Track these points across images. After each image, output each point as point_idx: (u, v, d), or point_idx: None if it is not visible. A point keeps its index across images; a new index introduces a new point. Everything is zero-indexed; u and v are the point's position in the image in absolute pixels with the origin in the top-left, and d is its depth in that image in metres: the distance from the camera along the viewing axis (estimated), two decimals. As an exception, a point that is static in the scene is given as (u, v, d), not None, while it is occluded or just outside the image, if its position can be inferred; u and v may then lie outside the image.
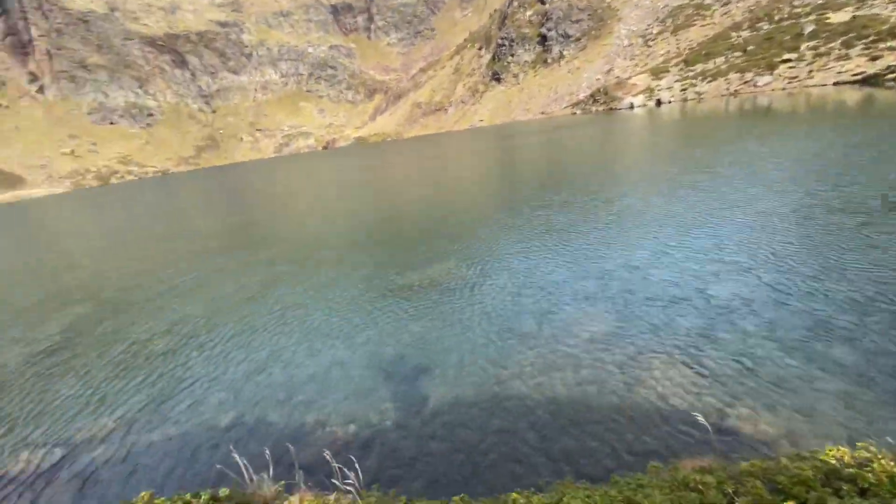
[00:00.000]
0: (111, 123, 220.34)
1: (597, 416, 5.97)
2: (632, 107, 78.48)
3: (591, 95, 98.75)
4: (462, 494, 3.08)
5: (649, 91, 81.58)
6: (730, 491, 2.47)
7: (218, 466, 5.89)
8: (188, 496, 4.01)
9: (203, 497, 4.01)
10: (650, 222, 13.81)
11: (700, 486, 2.55)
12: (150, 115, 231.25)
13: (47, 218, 56.34)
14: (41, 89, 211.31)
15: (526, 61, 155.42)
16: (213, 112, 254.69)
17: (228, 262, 17.48)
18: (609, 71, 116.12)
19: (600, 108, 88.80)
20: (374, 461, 5.89)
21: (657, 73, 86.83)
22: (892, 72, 47.50)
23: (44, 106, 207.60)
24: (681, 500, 2.51)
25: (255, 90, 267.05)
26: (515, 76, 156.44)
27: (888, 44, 53.92)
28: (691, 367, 6.66)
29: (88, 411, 8.15)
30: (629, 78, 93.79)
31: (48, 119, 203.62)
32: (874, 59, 53.13)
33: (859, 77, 51.33)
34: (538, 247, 13.35)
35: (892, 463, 2.38)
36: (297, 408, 7.32)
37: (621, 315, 8.49)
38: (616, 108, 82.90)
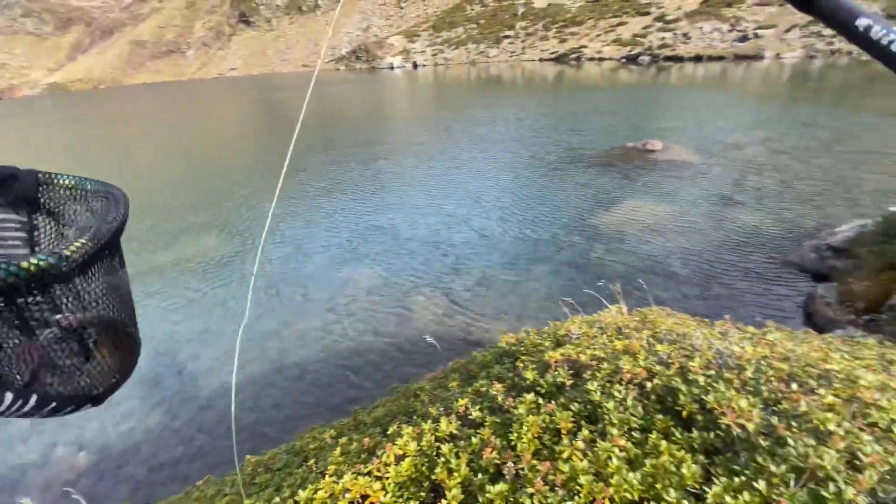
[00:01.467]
0: None
1: (367, 360, 6.46)
2: (392, 67, 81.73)
3: (354, 52, 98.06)
4: (207, 476, 2.91)
5: (406, 53, 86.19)
6: (437, 387, 3.05)
7: None
8: None
9: None
10: (406, 182, 15.09)
11: (418, 391, 3.05)
12: None
13: None
14: None
15: (278, 5, 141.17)
16: None
17: None
18: (367, 28, 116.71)
19: (363, 67, 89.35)
20: (115, 481, 4.96)
21: (410, 36, 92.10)
22: (573, 53, 62.82)
23: None
24: (406, 405, 2.91)
25: None
26: (268, 21, 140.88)
27: (570, 30, 70.75)
28: (445, 298, 7.84)
29: None
30: (387, 38, 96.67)
31: None
32: (563, 41, 69.12)
33: (554, 56, 66.13)
34: (304, 212, 12.99)
35: (535, 337, 3.31)
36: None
37: (386, 266, 9.21)
38: (378, 68, 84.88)
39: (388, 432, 2.10)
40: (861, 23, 0.40)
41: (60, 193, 0.83)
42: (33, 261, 0.56)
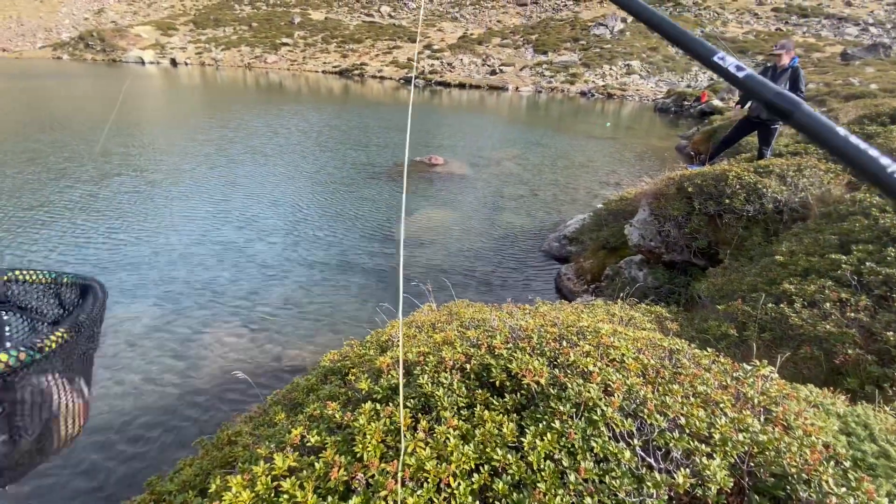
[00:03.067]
0: None
1: (151, 425, 5.26)
2: (143, 62, 68.16)
3: (81, 38, 77.68)
4: None
5: (160, 47, 73.20)
6: (258, 426, 2.75)
7: None
8: None
9: None
10: (169, 204, 12.91)
11: (234, 438, 2.69)
12: None
13: None
14: None
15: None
16: None
17: None
18: (100, 11, 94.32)
19: (99, 58, 71.75)
20: None
21: (165, 28, 78.76)
22: (356, 69, 64.60)
23: None
24: (222, 458, 2.54)
25: None
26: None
27: (350, 46, 72.51)
28: (244, 327, 7.01)
29: None
30: (130, 26, 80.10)
31: None
32: (344, 56, 70.32)
33: (337, 69, 66.74)
34: (26, 241, 9.67)
35: (359, 348, 3.32)
36: None
37: (170, 299, 7.67)
38: (121, 60, 69.53)
39: (210, 491, 1.80)
40: (840, 132, 0.45)
41: (30, 288, 0.84)
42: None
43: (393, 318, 5.03)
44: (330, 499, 1.57)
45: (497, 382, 2.03)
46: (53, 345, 0.66)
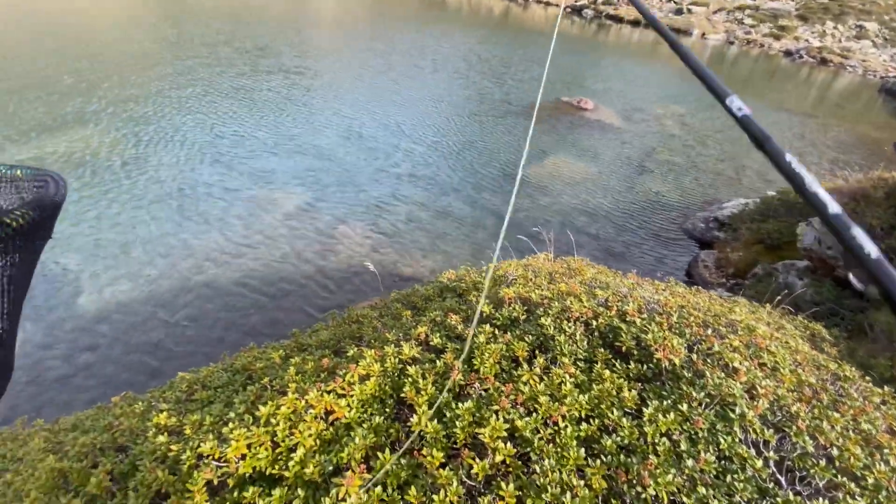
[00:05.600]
0: None
1: (291, 286, 6.25)
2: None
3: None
4: (124, 392, 2.71)
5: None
6: (383, 315, 3.08)
7: None
8: None
9: None
10: (332, 104, 13.96)
11: (361, 318, 3.06)
12: None
13: None
14: None
15: None
16: None
17: None
18: None
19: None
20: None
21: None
22: (519, -10, 60.25)
23: None
24: (352, 330, 2.90)
25: None
26: None
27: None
28: (372, 229, 7.71)
29: None
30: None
31: None
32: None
33: (501, -12, 62.92)
34: (220, 115, 11.51)
35: (475, 275, 3.44)
36: None
37: (312, 190, 8.70)
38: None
39: (348, 354, 2.11)
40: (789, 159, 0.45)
41: None
42: None
43: (505, 257, 5.05)
44: (446, 395, 1.73)
45: (624, 348, 1.95)
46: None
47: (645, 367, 1.84)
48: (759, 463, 1.48)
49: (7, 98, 10.70)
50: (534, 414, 1.62)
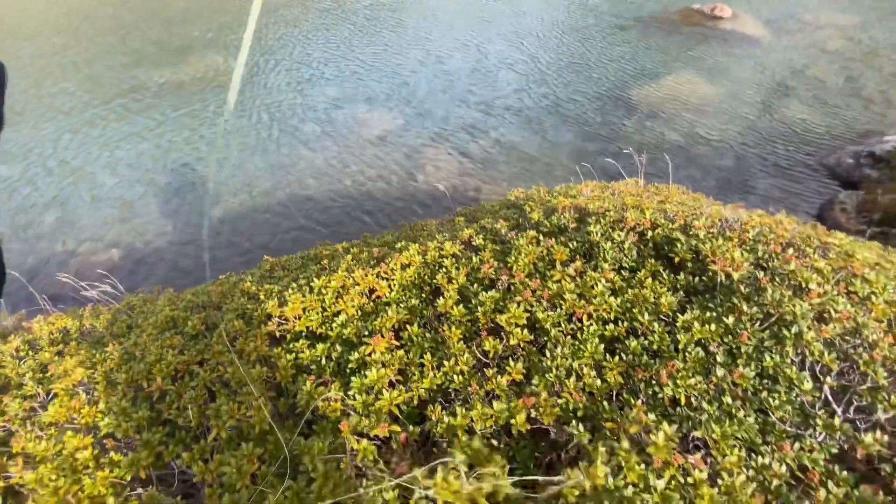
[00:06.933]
0: None
1: (377, 203, 6.65)
2: None
3: None
4: (227, 273, 3.26)
5: None
6: (443, 224, 3.17)
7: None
8: None
9: None
10: (430, 16, 13.43)
11: (424, 227, 3.19)
12: None
13: None
14: None
15: None
16: None
17: None
18: None
19: None
20: (145, 275, 5.56)
21: None
22: None
23: None
24: (412, 234, 3.07)
25: None
26: None
27: None
28: (458, 152, 7.69)
29: None
30: None
31: None
32: None
33: None
34: (326, 40, 11.89)
35: (545, 194, 3.33)
36: (35, 241, 6.00)
37: (405, 112, 8.80)
38: None
39: (397, 247, 2.26)
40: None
41: None
42: None
43: (589, 178, 4.72)
44: (476, 286, 1.78)
45: (677, 259, 1.80)
46: None
47: (696, 279, 1.69)
48: (808, 385, 1.33)
49: (157, 28, 12.21)
50: (558, 309, 1.61)
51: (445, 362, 1.46)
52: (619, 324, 1.56)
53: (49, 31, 12.30)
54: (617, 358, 1.45)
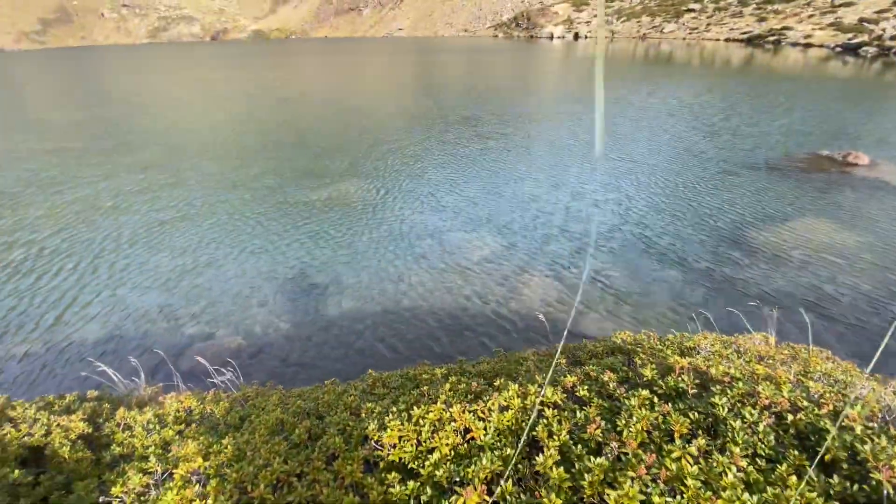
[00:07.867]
0: None
1: (472, 322, 6.77)
2: (552, 37, 78.21)
3: (514, 19, 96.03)
4: (333, 378, 3.47)
5: (569, 22, 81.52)
6: (542, 361, 3.12)
7: (84, 374, 5.66)
8: (51, 398, 3.88)
9: (69, 398, 3.91)
10: (547, 157, 14.68)
11: (521, 360, 3.16)
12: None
13: None
14: None
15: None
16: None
17: (91, 165, 15.08)
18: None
19: (522, 35, 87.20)
20: (261, 365, 6.12)
21: (578, 4, 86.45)
22: (772, 34, 52.86)
23: None
24: (509, 368, 3.06)
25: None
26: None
27: (774, 6, 59.34)
28: (557, 282, 7.71)
29: (-87, 324, 7.05)
30: (552, 5, 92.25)
31: None
32: (761, 20, 58.45)
33: (745, 36, 56.43)
34: (443, 172, 13.59)
35: (656, 342, 3.16)
36: (180, 322, 7.12)
37: (507, 239, 9.30)
38: (537, 37, 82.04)
39: (495, 384, 2.25)
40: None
41: None
42: None
43: (706, 330, 4.37)
44: (580, 447, 1.67)
45: (827, 457, 1.51)
46: None
47: (855, 487, 1.38)
48: None
49: (320, 156, 15.21)
50: (678, 497, 1.42)
51: (542, 536, 1.34)
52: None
53: (229, 155, 15.94)
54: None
